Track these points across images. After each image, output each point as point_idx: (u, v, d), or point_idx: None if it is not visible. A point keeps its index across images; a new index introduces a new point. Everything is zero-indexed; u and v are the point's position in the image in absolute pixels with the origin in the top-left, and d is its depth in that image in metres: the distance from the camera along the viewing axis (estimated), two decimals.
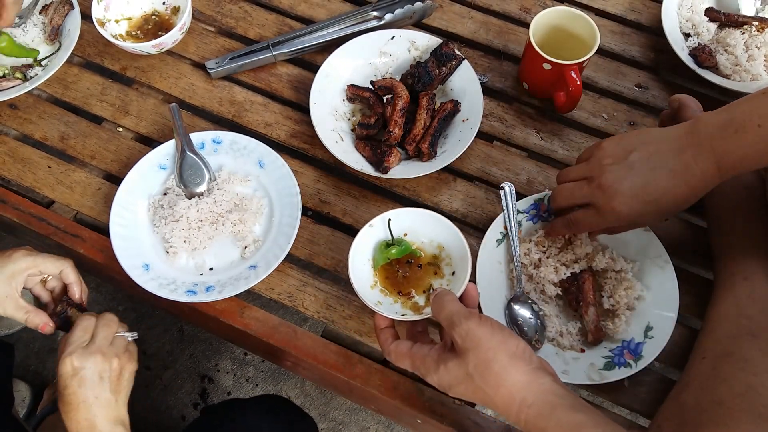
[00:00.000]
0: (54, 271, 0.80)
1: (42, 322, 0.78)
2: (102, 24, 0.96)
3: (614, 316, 0.80)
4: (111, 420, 0.75)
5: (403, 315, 0.71)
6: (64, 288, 0.82)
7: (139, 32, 1.01)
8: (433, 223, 0.75)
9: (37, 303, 0.83)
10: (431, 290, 0.74)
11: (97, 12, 0.96)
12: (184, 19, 0.95)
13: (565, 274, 0.83)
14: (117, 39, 0.97)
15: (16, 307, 0.78)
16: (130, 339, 0.81)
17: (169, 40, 0.96)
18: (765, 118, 0.63)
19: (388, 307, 0.73)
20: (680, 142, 0.68)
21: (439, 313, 0.63)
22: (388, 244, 0.75)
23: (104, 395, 0.76)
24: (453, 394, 0.61)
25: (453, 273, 0.75)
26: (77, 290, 0.82)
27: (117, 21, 1.00)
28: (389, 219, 0.75)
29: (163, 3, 1.02)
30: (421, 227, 0.76)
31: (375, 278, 0.76)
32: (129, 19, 1.01)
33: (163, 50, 0.98)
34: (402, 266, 0.76)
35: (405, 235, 0.77)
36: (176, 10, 1.01)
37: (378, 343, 0.70)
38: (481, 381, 0.58)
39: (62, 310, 0.80)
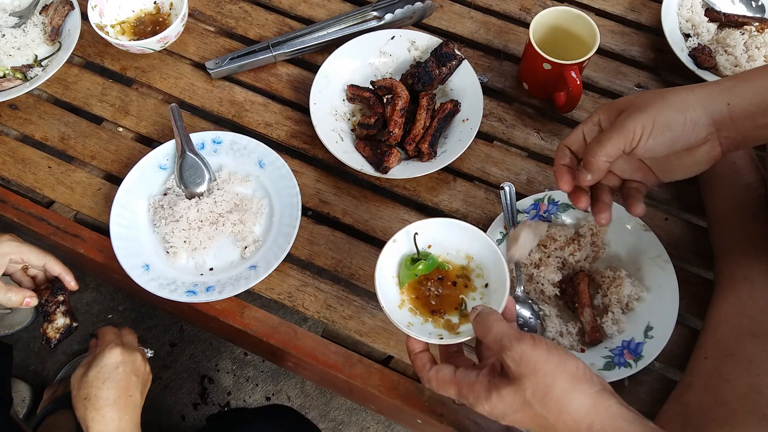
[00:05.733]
0: (37, 262, 0.79)
1: (22, 296, 0.77)
2: (101, 28, 0.96)
3: (607, 314, 0.81)
4: (135, 424, 0.76)
5: (439, 337, 0.64)
6: (46, 276, 0.82)
7: (137, 32, 1.01)
8: (459, 232, 0.69)
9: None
10: (463, 306, 0.68)
11: (93, 18, 0.96)
12: (184, 10, 0.96)
13: (571, 270, 0.83)
14: (117, 40, 0.97)
15: None
16: (149, 354, 0.83)
17: (173, 32, 0.96)
18: None
19: (419, 328, 0.66)
20: None
21: (486, 336, 0.58)
22: (413, 260, 0.69)
23: (136, 396, 0.76)
24: (507, 423, 0.57)
25: (486, 285, 0.69)
26: (69, 278, 0.81)
27: (113, 26, 1.00)
28: (416, 233, 0.68)
29: (154, 2, 1.03)
30: (446, 238, 0.70)
31: (402, 297, 0.69)
32: (123, 22, 1.01)
33: (167, 44, 0.98)
34: (431, 282, 0.70)
35: (429, 247, 0.71)
36: (170, 7, 1.02)
37: (413, 366, 0.64)
38: (542, 408, 0.53)
39: (54, 291, 0.80)
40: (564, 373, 0.53)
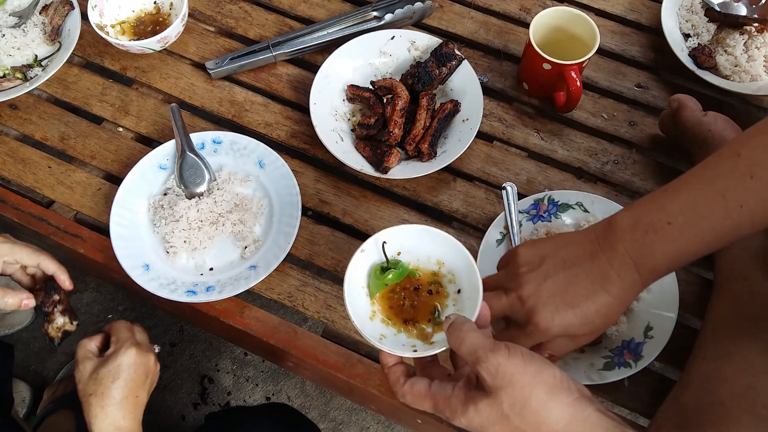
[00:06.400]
0: (30, 262, 0.78)
1: (19, 299, 0.76)
2: (101, 28, 0.96)
3: None
4: (138, 423, 0.75)
5: (413, 349, 0.62)
6: (45, 275, 0.81)
7: (137, 32, 1.01)
8: (429, 238, 0.66)
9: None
10: (436, 314, 0.66)
11: (93, 18, 0.96)
12: (184, 10, 0.96)
13: None
14: (117, 40, 0.97)
15: None
16: (157, 350, 0.82)
17: (173, 32, 0.96)
18: (672, 214, 0.60)
19: (392, 339, 0.63)
20: (593, 246, 0.64)
21: (460, 347, 0.55)
22: (383, 269, 0.66)
23: (143, 397, 0.76)
24: None
25: (459, 291, 0.66)
26: (64, 277, 0.79)
27: (113, 26, 1.00)
28: (384, 242, 0.66)
29: (154, 2, 1.03)
30: (415, 244, 0.67)
31: (373, 308, 0.66)
32: (123, 22, 1.01)
33: (167, 44, 0.98)
34: (402, 290, 0.67)
35: (398, 254, 0.68)
36: (170, 6, 1.02)
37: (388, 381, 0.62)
38: (520, 421, 0.52)
39: (49, 291, 0.79)
40: (541, 384, 0.52)
